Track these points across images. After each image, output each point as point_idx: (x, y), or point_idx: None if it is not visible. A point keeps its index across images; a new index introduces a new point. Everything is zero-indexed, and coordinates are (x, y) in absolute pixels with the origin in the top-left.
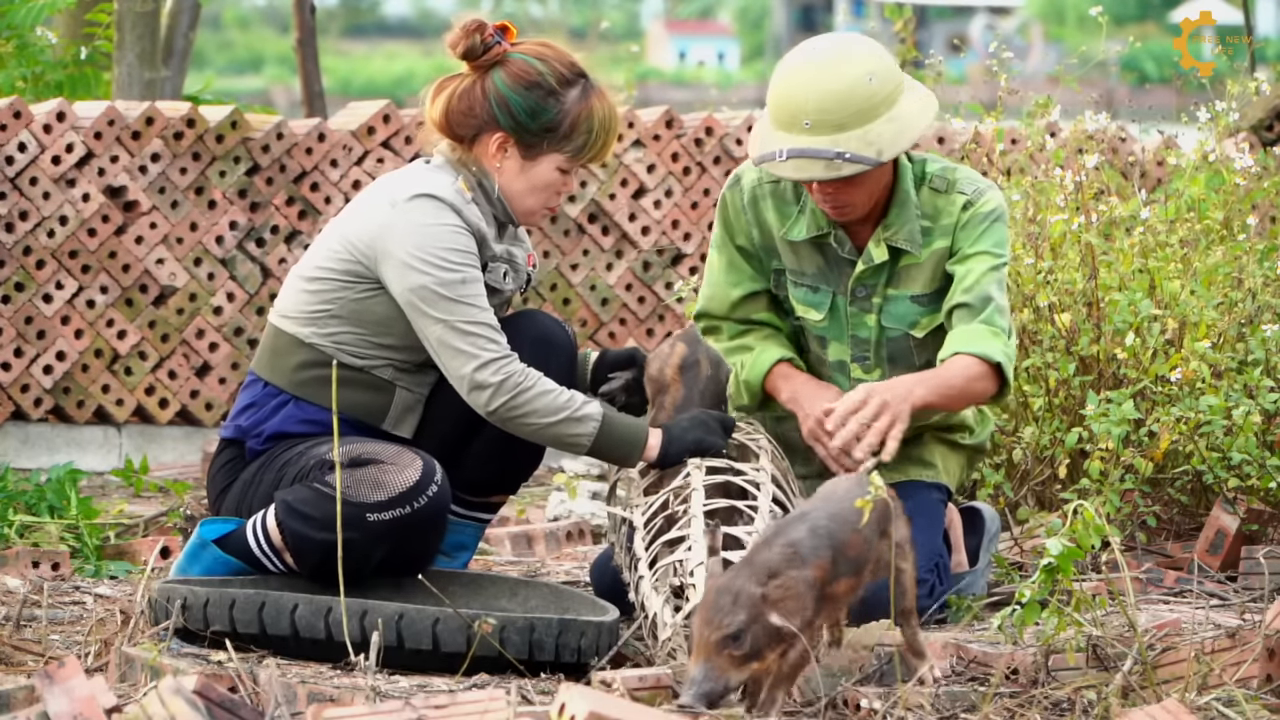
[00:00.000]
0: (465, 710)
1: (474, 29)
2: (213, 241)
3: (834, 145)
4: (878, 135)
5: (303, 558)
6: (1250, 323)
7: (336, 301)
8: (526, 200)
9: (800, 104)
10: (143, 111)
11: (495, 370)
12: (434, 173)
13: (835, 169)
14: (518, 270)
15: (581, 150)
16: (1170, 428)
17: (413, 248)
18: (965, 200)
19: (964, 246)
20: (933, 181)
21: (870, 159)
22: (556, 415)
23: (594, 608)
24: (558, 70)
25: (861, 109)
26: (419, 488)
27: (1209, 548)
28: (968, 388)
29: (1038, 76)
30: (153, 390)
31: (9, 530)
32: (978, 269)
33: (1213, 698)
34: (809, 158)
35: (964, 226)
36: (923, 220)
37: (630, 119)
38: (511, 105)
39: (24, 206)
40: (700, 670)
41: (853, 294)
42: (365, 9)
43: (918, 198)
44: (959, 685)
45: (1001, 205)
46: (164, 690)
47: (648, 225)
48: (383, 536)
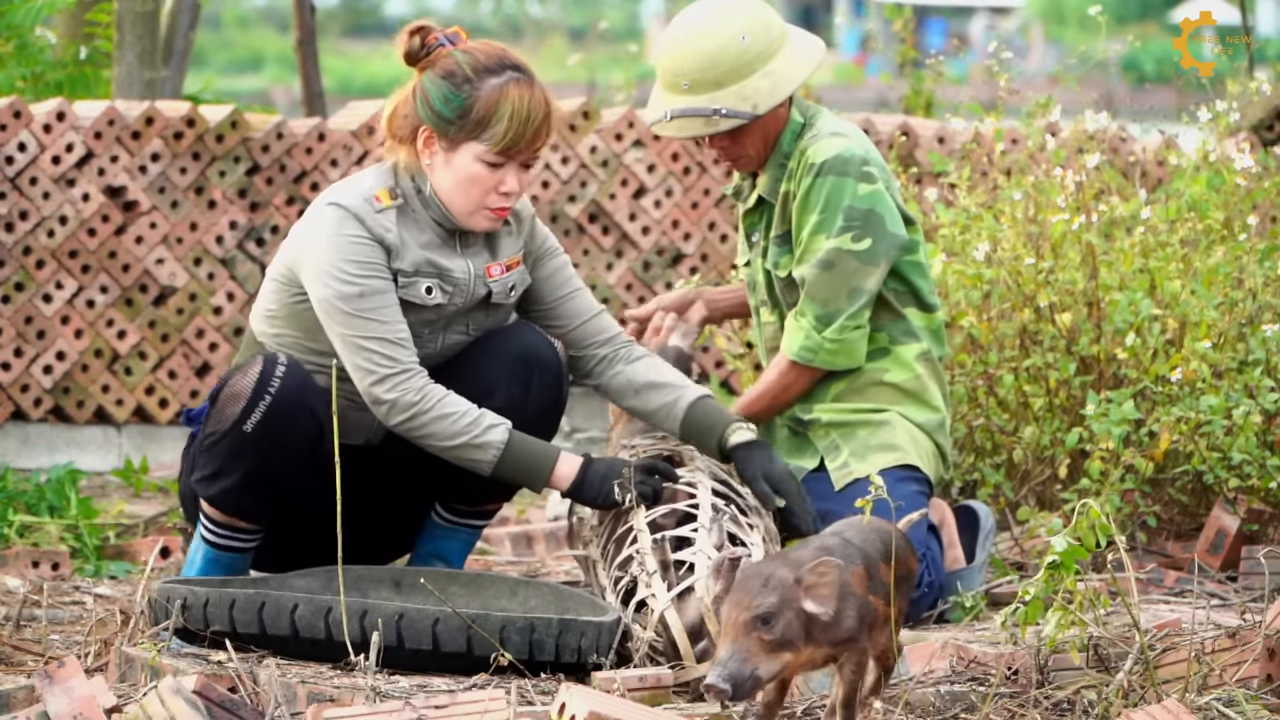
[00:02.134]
0: (465, 710)
1: (414, 32)
2: (213, 241)
3: (711, 102)
4: (753, 90)
5: (248, 509)
6: (1251, 323)
7: (279, 303)
8: (456, 199)
9: (679, 65)
10: (143, 111)
11: (389, 388)
12: (359, 178)
13: (714, 125)
14: (455, 284)
15: (499, 139)
16: (1171, 428)
17: (317, 259)
18: (803, 146)
19: (795, 208)
20: (803, 132)
21: (746, 113)
22: (454, 440)
23: (594, 608)
24: (478, 60)
25: (736, 66)
26: (265, 375)
27: (1209, 548)
28: (779, 394)
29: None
30: (153, 390)
31: (9, 530)
32: (805, 240)
33: (1213, 698)
34: (689, 116)
35: (792, 178)
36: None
37: (630, 119)
38: (429, 95)
39: (24, 206)
40: (727, 650)
41: (749, 241)
42: (365, 9)
43: (792, 149)
44: (959, 685)
45: (841, 158)
46: (164, 690)
47: (648, 225)
48: (271, 432)
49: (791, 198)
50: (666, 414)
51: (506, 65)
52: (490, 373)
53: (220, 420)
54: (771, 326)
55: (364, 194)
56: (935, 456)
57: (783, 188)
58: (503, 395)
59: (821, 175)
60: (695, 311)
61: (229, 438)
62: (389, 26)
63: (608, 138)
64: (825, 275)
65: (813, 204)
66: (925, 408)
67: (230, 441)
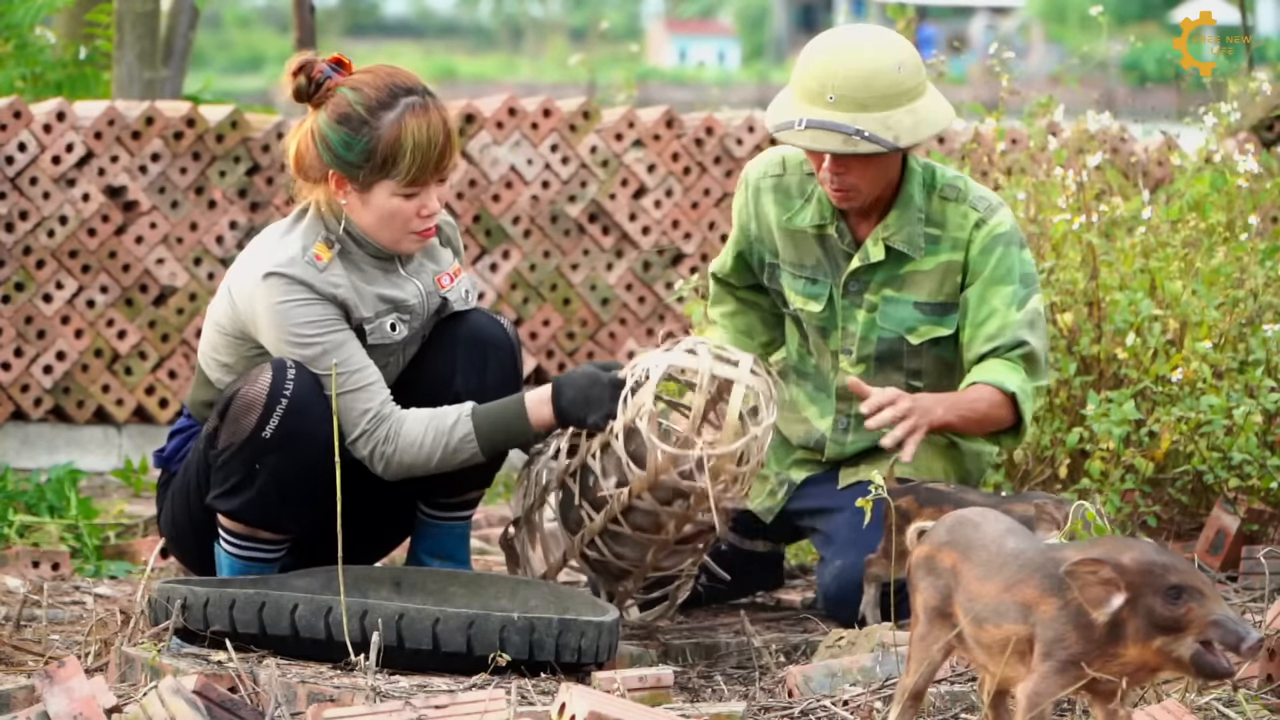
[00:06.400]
0: (465, 710)
1: (297, 70)
2: (213, 241)
3: (854, 122)
4: (897, 122)
5: (274, 517)
6: (1251, 323)
7: (235, 356)
8: (382, 233)
9: (828, 78)
10: (143, 111)
11: (362, 444)
12: (287, 239)
13: (852, 144)
14: (411, 310)
15: (406, 173)
16: (1171, 428)
17: (272, 329)
18: (978, 217)
19: (981, 272)
20: (943, 190)
21: (887, 142)
22: (432, 460)
23: (594, 608)
24: (369, 97)
25: (886, 94)
26: (278, 381)
27: (1209, 548)
28: (987, 414)
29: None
30: (153, 390)
31: (9, 530)
32: (1002, 311)
33: (1213, 698)
34: (828, 130)
35: (980, 249)
36: (929, 227)
37: (631, 119)
38: (330, 142)
39: (24, 206)
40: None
41: (845, 287)
42: (365, 9)
43: (926, 203)
44: (959, 685)
45: (1015, 227)
46: (164, 690)
47: (648, 225)
48: (291, 434)
49: (964, 270)
50: None
51: (398, 93)
52: (445, 361)
53: (236, 432)
54: (851, 376)
55: (301, 255)
56: (946, 473)
57: (943, 255)
58: (460, 381)
59: (1008, 245)
60: None
61: (248, 447)
62: (389, 26)
63: (608, 138)
64: (1033, 338)
65: (1003, 276)
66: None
67: (250, 450)
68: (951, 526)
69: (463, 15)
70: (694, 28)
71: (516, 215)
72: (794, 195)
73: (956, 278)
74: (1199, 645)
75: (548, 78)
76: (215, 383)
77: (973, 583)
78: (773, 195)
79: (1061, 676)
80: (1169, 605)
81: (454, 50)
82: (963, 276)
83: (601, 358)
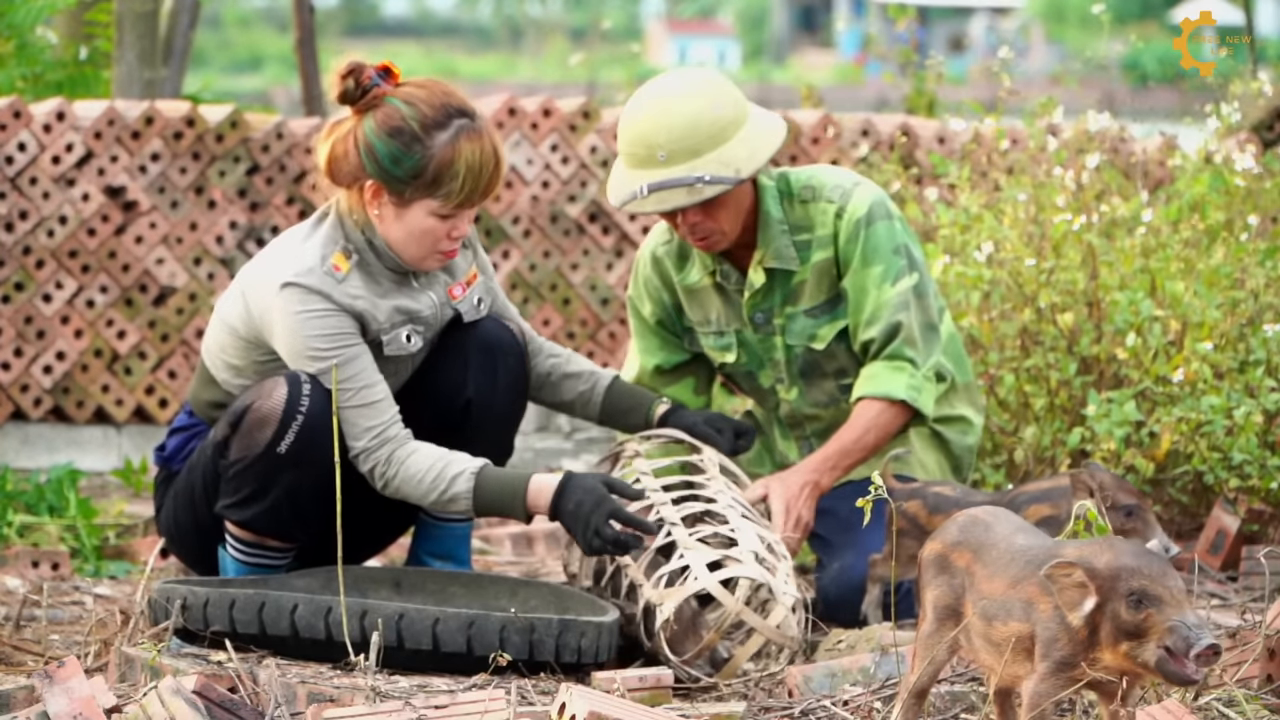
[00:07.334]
0: (465, 710)
1: (348, 73)
2: (213, 241)
3: (692, 171)
4: (733, 156)
5: (286, 528)
6: (1252, 323)
7: (245, 360)
8: (409, 249)
9: (653, 138)
10: (142, 111)
11: (364, 459)
12: (306, 247)
13: (697, 193)
14: (425, 322)
15: (452, 196)
16: (1171, 428)
17: (288, 338)
18: (836, 208)
19: (852, 259)
20: (800, 194)
21: (729, 178)
22: (427, 499)
23: (594, 608)
24: (424, 114)
25: (712, 133)
26: (294, 396)
27: (1210, 548)
28: (879, 439)
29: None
30: (153, 390)
31: (9, 530)
32: (874, 293)
33: (1213, 698)
34: (670, 188)
35: (846, 239)
36: (798, 235)
37: None
38: (376, 152)
39: (24, 206)
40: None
41: (753, 323)
42: (365, 9)
43: (787, 213)
44: (959, 685)
45: (875, 202)
46: (164, 690)
47: (648, 225)
48: (306, 450)
49: (836, 263)
50: (585, 401)
51: (453, 114)
52: (457, 369)
53: (250, 446)
54: (789, 405)
55: (319, 265)
56: (941, 468)
57: (816, 256)
58: (473, 388)
59: (870, 225)
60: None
61: (262, 461)
62: (389, 26)
63: (608, 138)
64: (907, 317)
65: (870, 257)
66: (959, 422)
67: (264, 464)
68: (964, 526)
69: (463, 15)
70: (694, 28)
71: (516, 215)
72: (683, 257)
73: (832, 272)
74: (1163, 651)
75: (548, 78)
76: (221, 383)
77: (983, 581)
78: (671, 261)
79: (1057, 677)
80: (1130, 611)
81: (454, 50)
82: (838, 269)
83: (601, 358)
